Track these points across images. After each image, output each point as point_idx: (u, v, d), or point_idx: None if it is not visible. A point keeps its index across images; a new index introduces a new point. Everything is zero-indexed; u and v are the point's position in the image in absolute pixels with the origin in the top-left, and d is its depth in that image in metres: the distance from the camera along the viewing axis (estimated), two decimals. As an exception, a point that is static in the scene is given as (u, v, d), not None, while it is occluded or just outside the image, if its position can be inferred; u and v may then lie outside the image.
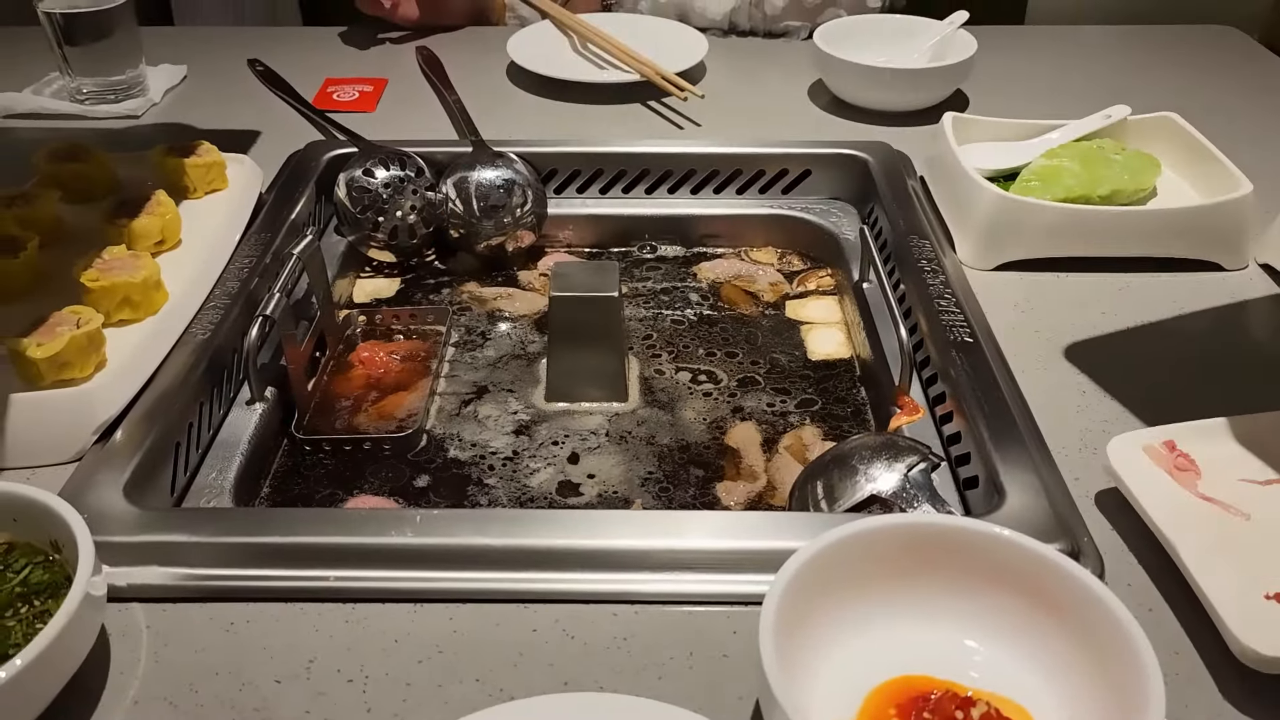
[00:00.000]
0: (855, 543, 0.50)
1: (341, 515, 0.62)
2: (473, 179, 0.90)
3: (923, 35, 1.15)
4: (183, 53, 1.23)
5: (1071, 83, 1.18)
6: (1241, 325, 0.77)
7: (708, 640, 0.53)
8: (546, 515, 0.63)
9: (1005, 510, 0.58)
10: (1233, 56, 1.26)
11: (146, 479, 0.62)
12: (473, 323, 0.86)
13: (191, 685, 0.51)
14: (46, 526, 0.52)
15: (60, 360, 0.64)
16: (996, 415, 0.65)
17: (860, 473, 0.60)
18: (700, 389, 0.78)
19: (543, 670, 0.52)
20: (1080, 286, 0.81)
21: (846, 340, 0.83)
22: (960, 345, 0.71)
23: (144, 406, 0.66)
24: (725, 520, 0.60)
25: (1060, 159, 0.87)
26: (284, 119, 1.08)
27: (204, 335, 0.73)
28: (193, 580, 0.56)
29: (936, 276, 0.79)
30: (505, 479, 0.70)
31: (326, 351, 0.80)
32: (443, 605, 0.55)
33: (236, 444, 0.69)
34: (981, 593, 0.50)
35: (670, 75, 1.10)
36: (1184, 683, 0.51)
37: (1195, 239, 0.82)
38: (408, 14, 1.29)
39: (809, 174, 0.97)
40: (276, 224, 0.86)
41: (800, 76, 1.17)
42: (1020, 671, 0.49)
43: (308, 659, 0.52)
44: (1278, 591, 0.51)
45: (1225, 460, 0.59)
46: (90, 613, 0.49)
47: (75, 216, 0.81)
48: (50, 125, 1.09)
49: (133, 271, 0.71)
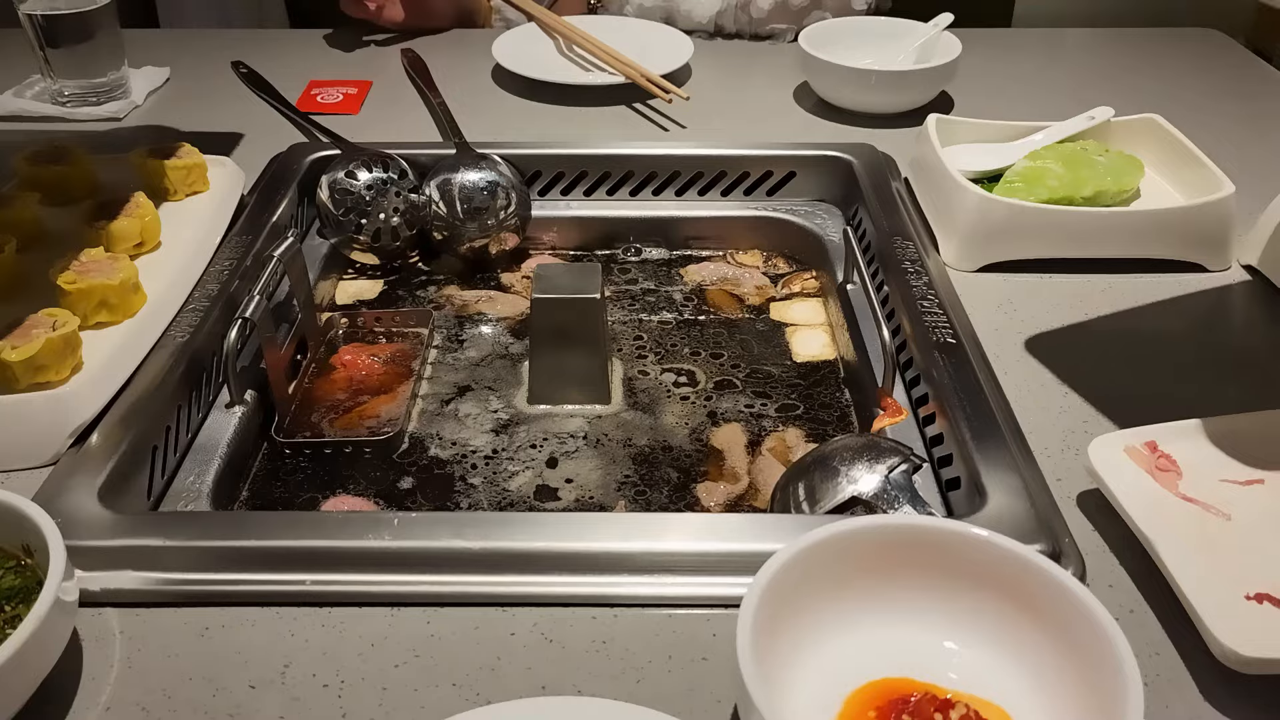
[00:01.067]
0: (834, 544, 0.49)
1: (318, 519, 0.61)
2: (456, 181, 0.90)
3: (908, 38, 1.15)
4: (166, 55, 1.22)
5: (1055, 85, 1.19)
6: (1224, 326, 0.77)
7: (687, 643, 0.53)
8: (525, 518, 0.62)
9: (987, 511, 0.58)
10: (1216, 59, 1.26)
11: (122, 483, 0.61)
12: (455, 325, 0.85)
13: (165, 691, 0.51)
14: (18, 531, 0.51)
15: (36, 363, 0.63)
16: (979, 417, 0.65)
17: (842, 474, 0.60)
18: (683, 391, 0.78)
19: (521, 674, 0.52)
20: (1063, 287, 0.81)
21: (831, 342, 0.83)
22: (943, 346, 0.71)
23: (121, 410, 0.66)
24: (705, 522, 0.60)
25: (1044, 160, 0.87)
26: (267, 121, 1.08)
27: (183, 338, 0.72)
28: (167, 585, 0.56)
29: (920, 278, 0.78)
30: (487, 481, 0.69)
31: (308, 354, 0.80)
32: (420, 609, 0.55)
33: (215, 447, 0.69)
34: (961, 594, 0.50)
35: (655, 77, 1.10)
36: (1164, 683, 0.51)
37: (1178, 240, 0.82)
38: (393, 16, 1.29)
39: (794, 176, 0.96)
40: (258, 226, 0.85)
41: (785, 79, 1.17)
42: (1000, 673, 0.49)
43: (283, 664, 0.52)
44: (1258, 592, 0.51)
45: (1206, 461, 0.59)
46: (61, 618, 0.49)
47: (55, 219, 0.81)
48: (31, 128, 1.08)
49: (110, 274, 0.70)
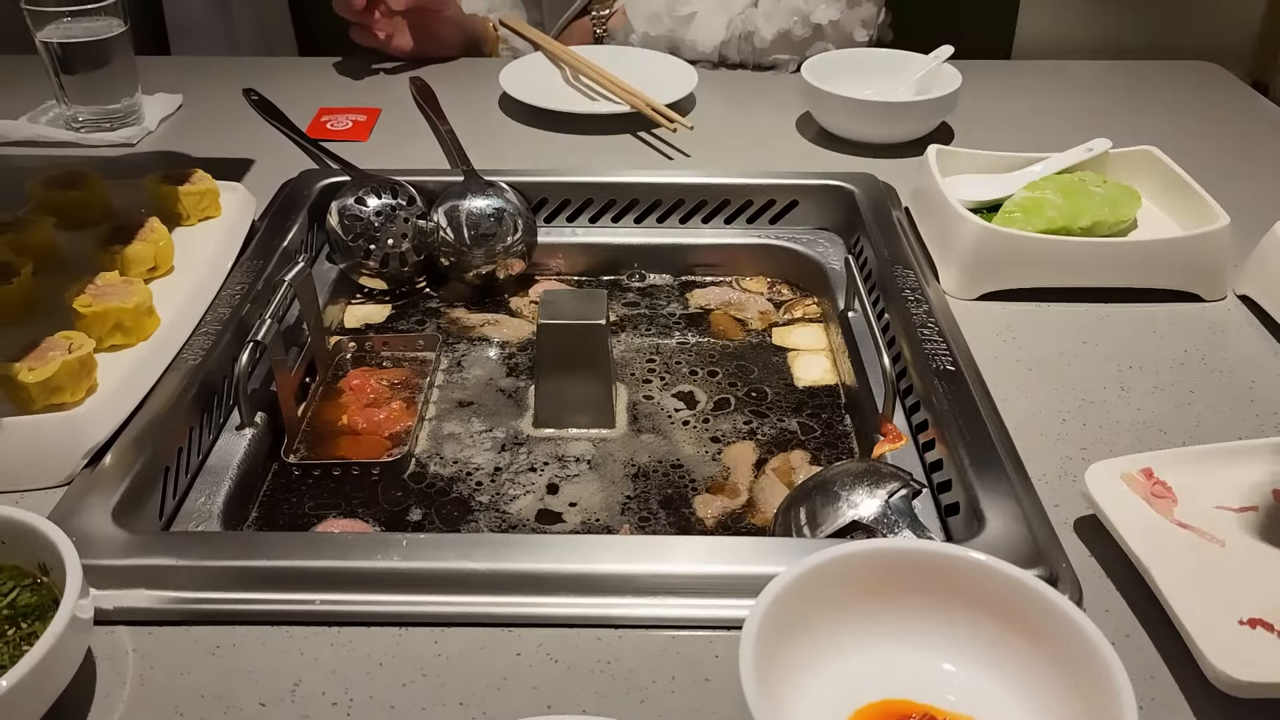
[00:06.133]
0: (835, 567, 0.50)
1: (328, 539, 0.62)
2: (464, 208, 0.91)
3: (908, 69, 1.17)
4: (178, 82, 1.24)
5: (1054, 117, 1.20)
6: (1219, 356, 0.78)
7: (690, 664, 0.54)
8: (530, 540, 0.63)
9: (985, 536, 0.59)
10: (1213, 92, 1.28)
11: (135, 503, 0.63)
12: (462, 349, 0.87)
13: (177, 708, 0.51)
14: (34, 549, 0.52)
15: (52, 385, 0.65)
16: (977, 443, 0.66)
17: (842, 499, 0.61)
18: (687, 415, 0.79)
19: (526, 693, 0.52)
20: (1061, 316, 0.82)
21: (832, 367, 0.84)
22: (942, 373, 0.72)
23: (134, 431, 0.67)
24: (708, 545, 0.60)
25: (1042, 191, 0.89)
26: (278, 148, 1.09)
27: (195, 360, 0.73)
28: (179, 604, 0.57)
29: (920, 306, 0.80)
30: (492, 504, 0.70)
31: (317, 377, 0.81)
32: (428, 629, 0.56)
33: (226, 469, 0.70)
34: (960, 617, 0.51)
35: (660, 106, 1.11)
36: (1160, 708, 0.52)
37: (1174, 270, 0.84)
38: (401, 45, 1.31)
39: (796, 204, 0.98)
40: (269, 251, 0.87)
41: (788, 109, 1.19)
42: (997, 695, 0.49)
43: (293, 682, 0.53)
44: (1252, 617, 0.52)
45: (1201, 488, 0.60)
46: (77, 635, 0.50)
47: (69, 243, 0.82)
48: (46, 153, 1.10)
49: (125, 297, 0.71)
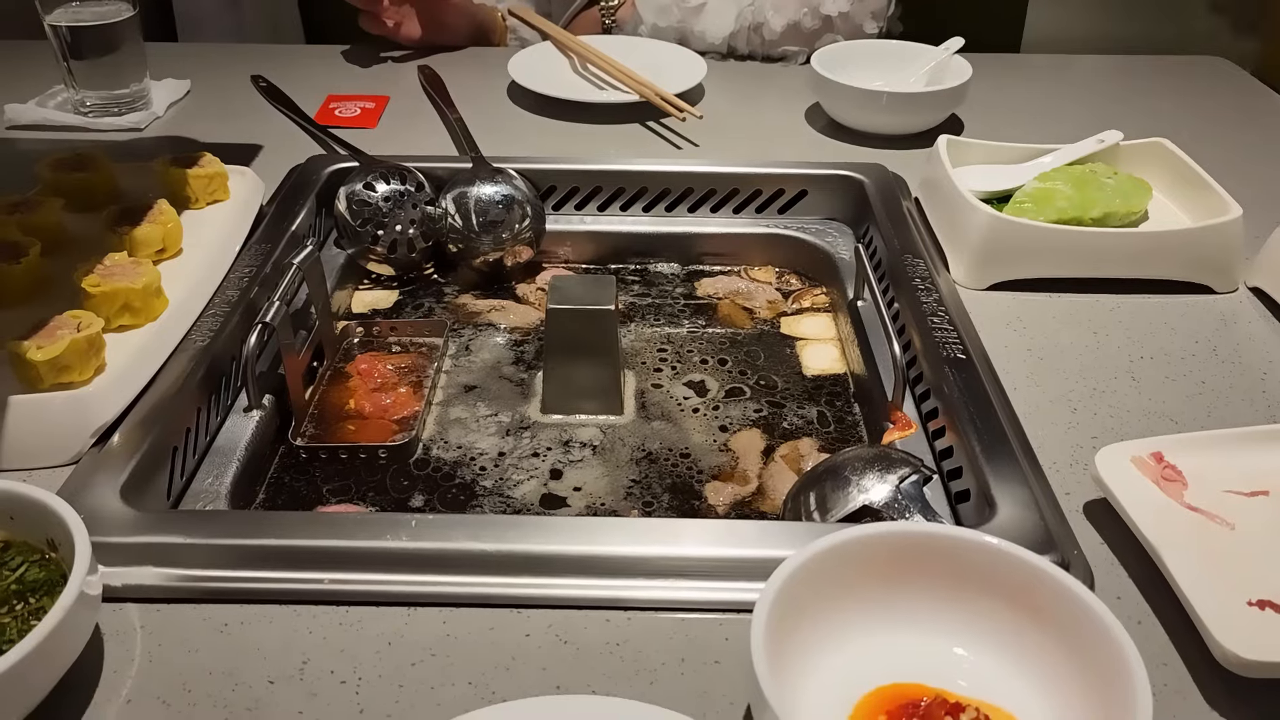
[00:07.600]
0: (845, 550, 0.50)
1: (337, 519, 0.62)
2: (472, 194, 0.91)
3: (918, 61, 1.17)
4: (187, 68, 1.24)
5: (1065, 109, 1.20)
6: (1231, 347, 0.77)
7: (699, 646, 0.54)
8: (540, 521, 0.63)
9: (996, 522, 0.58)
10: (1223, 86, 1.28)
11: (143, 482, 0.62)
12: (469, 335, 0.86)
13: (184, 685, 0.51)
14: (43, 525, 0.52)
15: (60, 363, 0.64)
16: (988, 430, 0.66)
17: (853, 484, 0.61)
18: (695, 403, 0.79)
19: (535, 674, 0.52)
20: (1072, 307, 0.82)
21: (840, 356, 0.84)
22: (953, 362, 0.72)
23: (142, 411, 0.67)
24: (718, 528, 0.60)
25: (1053, 182, 0.88)
26: (286, 134, 1.09)
27: (203, 342, 0.73)
28: (187, 581, 0.56)
29: (930, 295, 0.79)
30: (498, 488, 0.70)
31: (324, 361, 0.81)
32: (436, 609, 0.56)
33: (233, 450, 0.70)
34: (971, 601, 0.51)
35: (669, 95, 1.11)
36: (1171, 693, 0.51)
37: (1185, 261, 0.83)
38: (410, 33, 1.31)
39: (805, 194, 0.98)
40: (277, 235, 0.87)
41: (798, 99, 1.19)
42: (1009, 679, 0.49)
43: (301, 660, 0.53)
44: (1260, 599, 0.52)
45: (1211, 472, 0.60)
46: (84, 611, 0.50)
47: (78, 224, 0.82)
48: (54, 137, 1.10)
49: (133, 278, 0.71)
